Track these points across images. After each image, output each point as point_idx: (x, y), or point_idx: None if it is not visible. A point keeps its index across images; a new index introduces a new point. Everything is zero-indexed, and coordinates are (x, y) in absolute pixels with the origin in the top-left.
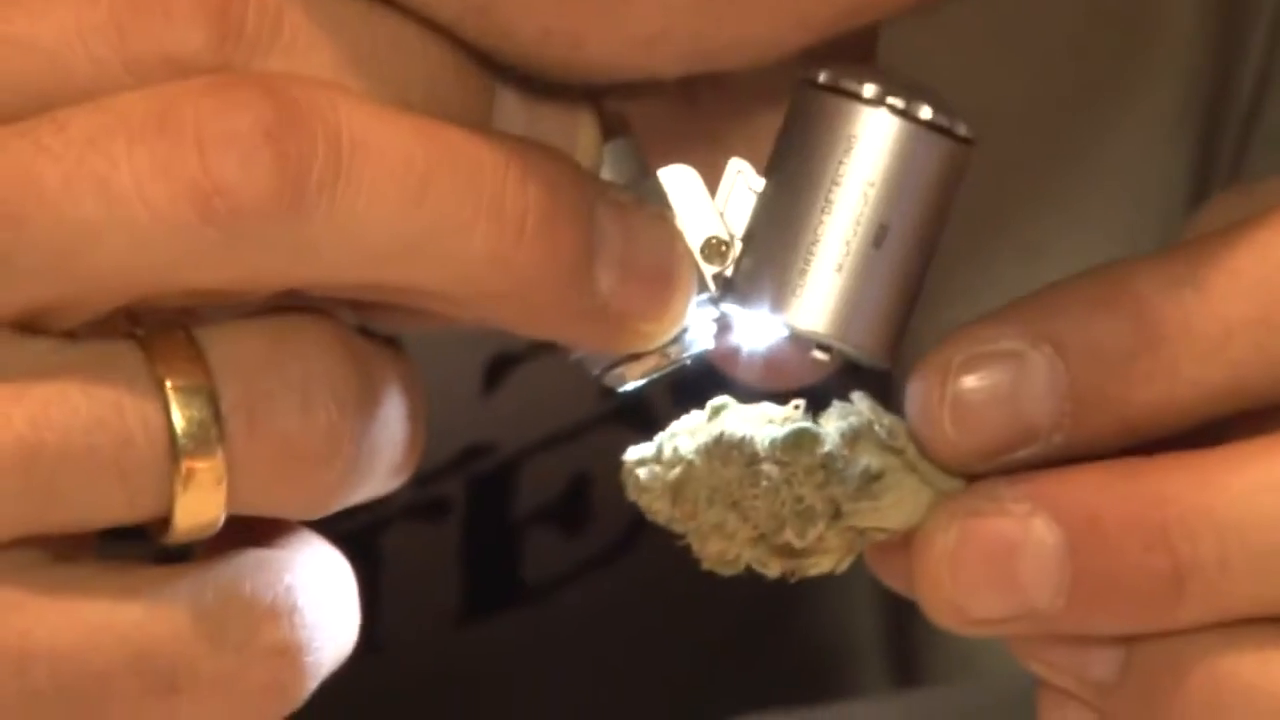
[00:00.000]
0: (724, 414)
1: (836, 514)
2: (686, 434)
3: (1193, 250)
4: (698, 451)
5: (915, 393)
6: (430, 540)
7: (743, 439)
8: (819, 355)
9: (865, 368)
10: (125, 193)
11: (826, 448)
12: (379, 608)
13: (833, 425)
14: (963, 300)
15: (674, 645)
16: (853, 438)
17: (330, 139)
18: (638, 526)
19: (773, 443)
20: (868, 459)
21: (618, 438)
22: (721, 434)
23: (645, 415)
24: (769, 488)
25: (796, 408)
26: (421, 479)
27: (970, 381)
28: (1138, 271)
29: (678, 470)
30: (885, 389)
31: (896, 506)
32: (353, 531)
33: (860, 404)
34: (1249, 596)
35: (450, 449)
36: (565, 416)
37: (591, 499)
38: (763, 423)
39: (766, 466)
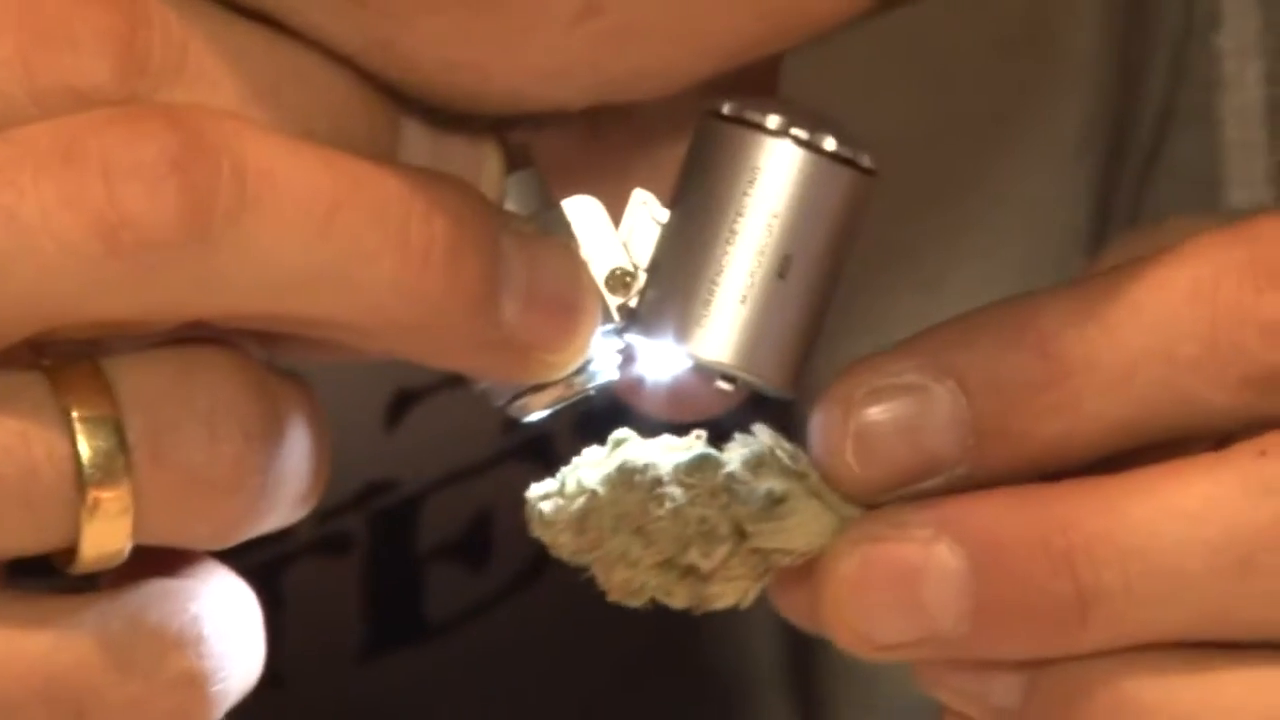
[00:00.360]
0: (625, 445)
1: (741, 537)
2: (589, 466)
3: (1096, 285)
4: (601, 481)
5: (818, 424)
6: (333, 576)
7: (646, 465)
8: (723, 386)
9: (769, 398)
10: (32, 223)
11: (729, 469)
12: (281, 643)
13: (735, 453)
14: (862, 331)
15: (575, 678)
16: (755, 463)
17: (236, 170)
18: (539, 562)
19: (676, 466)
20: (770, 482)
21: (520, 474)
22: (624, 461)
23: (548, 451)
24: (673, 509)
25: (699, 438)
26: (324, 515)
27: (873, 414)
28: (1042, 306)
29: (581, 501)
30: (787, 420)
31: (800, 529)
32: (256, 566)
33: (762, 434)
34: (1151, 621)
35: (352, 485)
36: (467, 453)
37: (493, 535)
38: (665, 451)
39: (670, 489)
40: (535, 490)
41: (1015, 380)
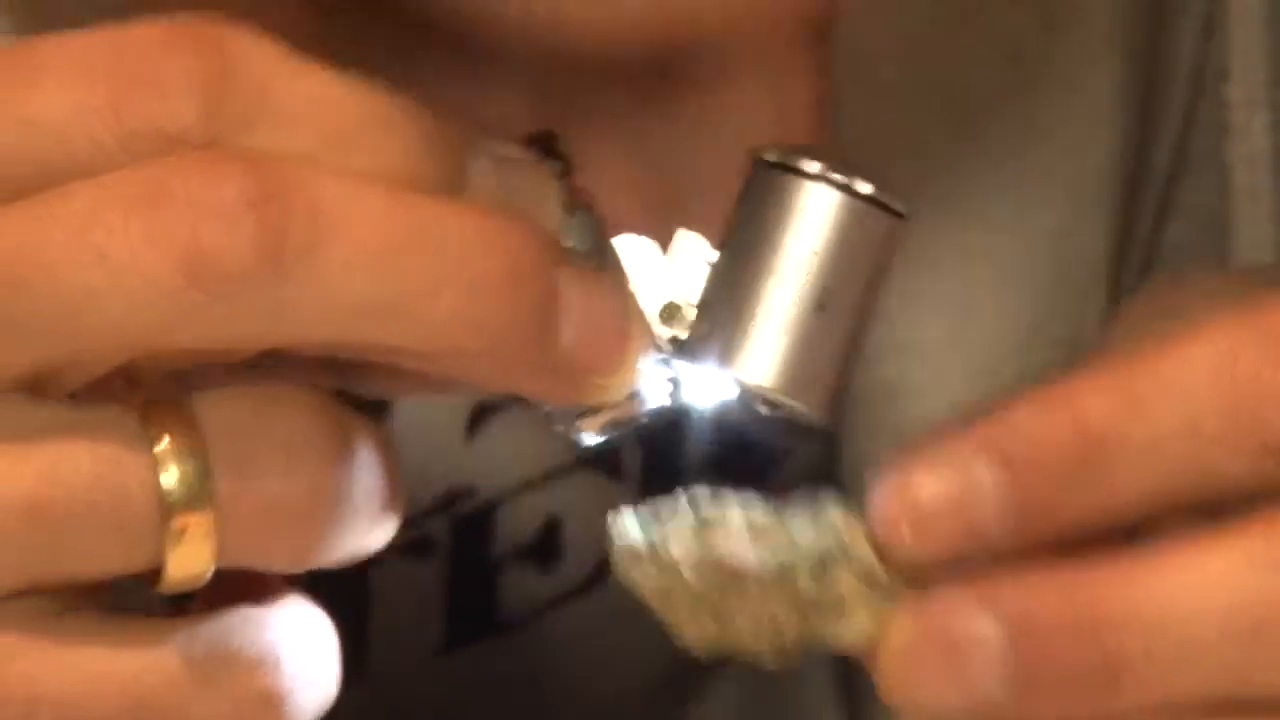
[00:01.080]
0: (714, 531)
1: (805, 622)
2: (677, 538)
3: (1128, 364)
4: (688, 566)
5: (877, 502)
6: (417, 578)
7: (735, 569)
8: (764, 410)
9: (808, 425)
10: (122, 261)
11: (809, 596)
12: (368, 640)
13: (811, 542)
14: (888, 359)
15: (631, 677)
16: (829, 561)
17: (308, 210)
18: (603, 567)
19: (760, 579)
20: (840, 586)
21: (588, 483)
22: (718, 559)
23: (614, 461)
24: (754, 615)
25: (779, 521)
26: (409, 520)
27: (927, 492)
28: (1079, 388)
29: (668, 578)
30: (827, 438)
31: (861, 629)
32: (344, 569)
33: (834, 517)
34: (1177, 684)
35: (435, 491)
36: (540, 462)
37: (563, 540)
38: (745, 530)
39: (753, 591)
40: (625, 538)
41: (1055, 459)
